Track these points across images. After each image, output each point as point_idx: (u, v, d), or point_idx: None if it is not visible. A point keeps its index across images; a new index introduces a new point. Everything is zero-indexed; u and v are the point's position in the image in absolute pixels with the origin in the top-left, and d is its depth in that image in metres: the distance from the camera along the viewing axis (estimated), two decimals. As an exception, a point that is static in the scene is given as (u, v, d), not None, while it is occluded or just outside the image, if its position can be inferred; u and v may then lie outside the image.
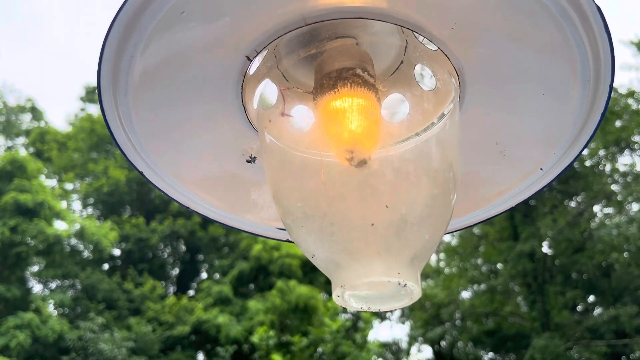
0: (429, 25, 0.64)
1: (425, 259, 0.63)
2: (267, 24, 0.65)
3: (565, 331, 12.57)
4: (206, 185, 0.82)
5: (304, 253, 0.66)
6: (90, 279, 13.54)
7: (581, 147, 0.72)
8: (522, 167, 0.78)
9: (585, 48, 0.60)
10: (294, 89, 0.73)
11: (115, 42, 0.60)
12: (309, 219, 0.64)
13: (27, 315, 10.84)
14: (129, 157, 0.75)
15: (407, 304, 0.62)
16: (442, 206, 0.65)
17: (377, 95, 0.70)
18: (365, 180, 0.62)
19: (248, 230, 0.86)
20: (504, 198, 0.81)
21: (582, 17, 0.57)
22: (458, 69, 0.69)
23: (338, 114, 0.68)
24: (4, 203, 11.86)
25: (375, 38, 0.72)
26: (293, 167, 0.69)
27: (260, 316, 12.04)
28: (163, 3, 0.57)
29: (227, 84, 0.71)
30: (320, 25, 0.67)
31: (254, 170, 0.82)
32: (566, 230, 13.07)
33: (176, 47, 0.64)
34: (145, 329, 12.65)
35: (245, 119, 0.75)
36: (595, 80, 0.63)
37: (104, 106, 0.67)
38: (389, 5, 0.63)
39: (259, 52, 0.68)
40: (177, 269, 17.46)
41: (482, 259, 15.90)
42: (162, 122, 0.73)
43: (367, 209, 0.61)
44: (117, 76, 0.63)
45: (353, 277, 0.60)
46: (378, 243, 0.60)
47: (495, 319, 14.86)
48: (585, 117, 0.68)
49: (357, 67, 0.70)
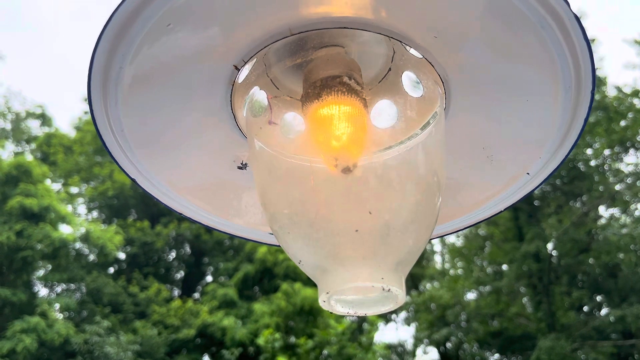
0: (412, 34, 0.65)
1: (410, 264, 0.64)
2: (254, 34, 0.66)
3: (571, 332, 12.51)
4: (198, 192, 0.83)
5: (291, 258, 0.67)
6: (96, 282, 13.59)
7: (566, 152, 0.73)
8: (509, 172, 0.79)
9: (565, 56, 0.61)
10: (283, 97, 0.74)
11: (104, 54, 0.61)
12: (295, 225, 0.65)
13: (33, 319, 10.89)
14: (121, 165, 0.77)
15: (392, 308, 0.63)
16: (427, 212, 0.66)
17: (364, 103, 0.71)
18: (349, 187, 0.63)
19: (240, 235, 0.88)
20: (492, 202, 0.82)
21: (561, 26, 0.58)
22: (443, 76, 0.70)
23: (325, 121, 0.69)
24: (10, 207, 11.93)
25: (363, 47, 0.73)
26: (280, 174, 0.71)
27: (266, 319, 12.05)
28: (149, 16, 0.58)
29: (217, 92, 0.72)
30: (308, 34, 0.68)
31: (245, 176, 0.83)
32: (571, 231, 13.02)
33: (164, 58, 0.66)
34: (151, 332, 12.68)
35: (235, 126, 0.77)
36: (577, 86, 0.64)
37: (95, 116, 0.68)
38: (373, 15, 0.64)
39: (246, 62, 0.69)
40: (182, 272, 17.50)
41: (487, 260, 15.85)
42: (153, 131, 0.74)
43: (351, 215, 0.63)
44: (107, 87, 0.65)
45: (338, 282, 0.61)
46: (362, 249, 0.61)
47: (501, 320, 14.81)
48: (569, 123, 0.69)
49: (344, 75, 0.71)
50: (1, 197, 12.37)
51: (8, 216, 12.13)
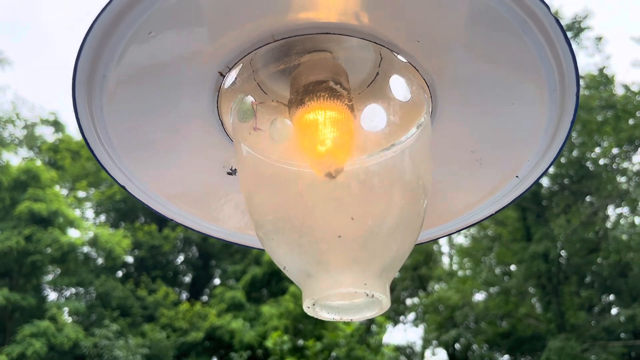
0: (396, 39, 0.65)
1: (395, 269, 0.64)
2: (238, 40, 0.66)
3: (581, 332, 12.42)
4: (188, 197, 0.84)
5: (276, 264, 0.67)
6: (104, 286, 13.65)
7: (555, 153, 0.73)
8: (498, 175, 0.78)
9: (548, 59, 0.61)
10: (269, 102, 0.74)
11: (87, 63, 0.61)
12: (279, 231, 0.65)
13: (42, 324, 10.96)
14: (110, 172, 0.77)
15: (377, 313, 0.63)
16: (411, 217, 0.66)
17: (350, 107, 0.71)
18: (331, 192, 0.63)
19: (229, 239, 0.88)
20: (483, 205, 0.82)
21: (542, 29, 0.58)
22: (428, 81, 0.69)
23: (310, 126, 0.69)
24: (19, 212, 12.01)
25: (350, 52, 0.73)
26: (265, 179, 0.71)
27: (274, 321, 12.06)
28: (130, 23, 0.58)
29: (203, 98, 0.72)
30: (293, 39, 0.68)
31: (234, 181, 0.83)
32: (580, 231, 12.94)
33: (149, 65, 0.66)
34: (160, 336, 12.72)
35: (223, 131, 0.77)
36: (562, 89, 0.64)
37: (81, 124, 0.69)
38: (356, 21, 0.64)
39: (231, 68, 0.69)
40: (190, 275, 17.55)
41: (495, 261, 15.78)
42: (140, 138, 0.74)
43: (334, 221, 0.62)
44: (92, 95, 0.65)
45: (322, 289, 0.61)
46: (345, 254, 0.61)
47: (510, 320, 14.73)
48: (556, 125, 0.69)
49: (331, 79, 0.71)
50: (10, 202, 12.46)
51: (17, 221, 12.22)
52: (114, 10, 0.58)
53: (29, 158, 15.82)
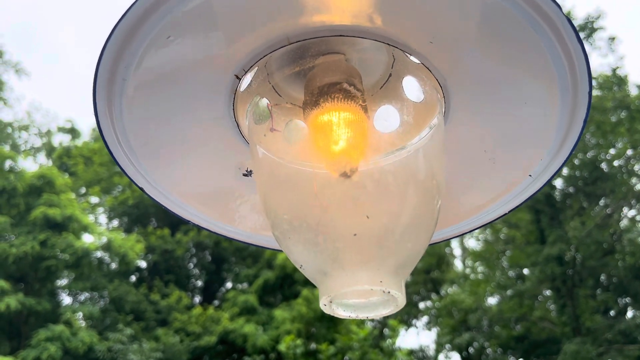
0: (409, 40, 0.66)
1: (410, 267, 0.65)
2: (254, 44, 0.68)
3: (597, 336, 12.29)
4: (204, 199, 0.85)
5: (293, 263, 0.68)
6: (118, 290, 13.75)
7: (568, 153, 0.73)
8: (512, 174, 0.79)
9: (560, 58, 0.61)
10: (284, 104, 0.76)
11: (107, 68, 0.63)
12: (296, 230, 0.66)
13: (57, 328, 11.05)
14: (129, 174, 0.79)
15: (392, 311, 0.64)
16: (426, 216, 0.66)
17: (364, 108, 0.72)
18: (346, 191, 0.64)
19: (246, 240, 0.89)
20: (496, 204, 0.82)
21: (554, 29, 0.58)
22: (441, 82, 0.70)
23: (325, 127, 0.71)
24: (34, 218, 12.14)
25: (363, 53, 0.74)
26: (281, 180, 0.72)
27: (287, 325, 12.06)
28: (149, 29, 0.60)
29: (219, 101, 0.74)
30: (307, 42, 0.70)
31: (250, 182, 0.84)
32: (595, 233, 12.81)
33: (167, 69, 0.67)
34: (173, 340, 12.78)
35: (239, 133, 0.78)
36: (574, 88, 0.64)
37: (102, 128, 0.70)
38: (370, 23, 0.65)
39: (247, 71, 0.71)
40: (202, 279, 17.61)
41: (509, 264, 15.67)
42: (158, 140, 0.76)
43: (350, 220, 0.63)
44: (112, 99, 0.67)
45: (338, 286, 0.62)
46: (361, 253, 0.62)
47: (525, 324, 14.61)
48: (568, 124, 0.69)
49: (344, 81, 0.72)
50: (25, 208, 12.60)
51: (32, 226, 12.35)
52: (133, 16, 0.59)
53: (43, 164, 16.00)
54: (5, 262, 11.73)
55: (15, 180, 12.56)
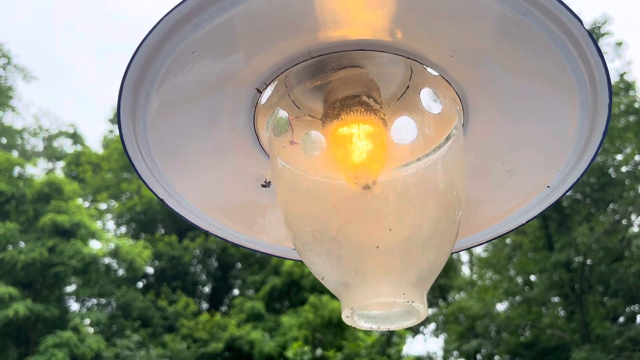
0: (429, 54, 0.67)
1: (432, 279, 0.65)
2: (275, 59, 0.69)
3: (606, 343, 12.18)
4: (224, 210, 0.86)
5: (314, 275, 0.69)
6: (125, 297, 13.78)
7: (587, 164, 0.74)
8: (529, 185, 0.79)
9: (580, 71, 0.62)
10: (304, 117, 0.76)
11: (132, 82, 0.64)
12: (318, 242, 0.66)
13: (65, 334, 11.08)
14: (150, 185, 0.80)
15: (414, 323, 0.64)
16: (446, 227, 0.67)
17: (383, 121, 0.73)
18: (369, 204, 0.65)
19: (265, 251, 0.90)
20: (514, 215, 0.82)
21: (575, 42, 0.59)
22: (460, 93, 0.71)
23: (345, 139, 0.71)
24: (43, 224, 12.20)
25: (382, 67, 0.75)
26: (302, 191, 0.73)
27: (294, 331, 12.04)
28: (174, 45, 0.61)
29: (240, 114, 0.75)
30: (327, 56, 0.70)
31: (269, 194, 0.85)
32: (603, 239, 12.73)
33: (190, 83, 0.68)
34: (180, 346, 12.78)
35: (259, 145, 0.79)
36: (594, 100, 0.65)
37: (124, 140, 0.71)
38: (390, 37, 0.66)
39: (268, 84, 0.72)
40: (209, 285, 17.63)
41: (517, 270, 15.58)
42: (179, 153, 0.77)
43: (372, 232, 0.64)
44: (136, 112, 0.68)
45: (361, 298, 0.62)
46: (383, 265, 0.62)
47: (533, 331, 14.51)
48: (588, 136, 0.70)
49: (363, 94, 0.73)
50: (34, 214, 12.68)
51: (41, 233, 12.41)
52: (160, 32, 0.60)
53: (49, 170, 16.10)
54: (13, 268, 11.78)
55: (24, 187, 12.64)
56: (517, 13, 0.57)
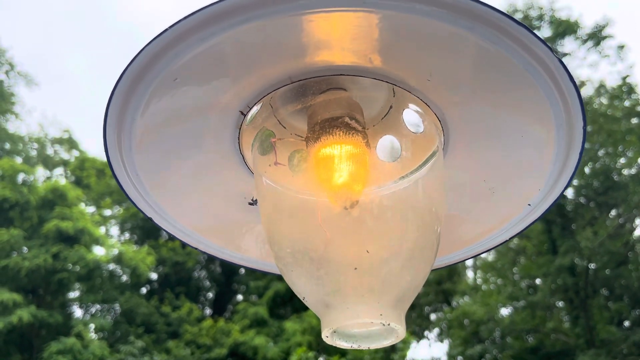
0: (407, 78, 0.68)
1: (410, 299, 0.67)
2: (257, 83, 0.70)
3: (611, 347, 12.13)
4: (211, 228, 0.87)
5: (296, 294, 0.70)
6: (129, 303, 13.80)
7: (565, 183, 0.75)
8: (511, 204, 0.80)
9: (554, 96, 0.63)
10: (288, 138, 0.78)
11: (116, 108, 0.66)
12: (298, 262, 0.68)
13: (69, 340, 11.10)
14: (138, 205, 0.81)
15: (394, 342, 0.65)
16: (425, 248, 0.68)
17: (366, 141, 0.74)
18: (347, 225, 0.66)
19: (254, 267, 0.91)
20: (496, 233, 0.84)
21: (546, 69, 0.60)
22: (439, 115, 0.72)
23: (327, 160, 0.73)
24: (47, 231, 12.24)
25: (364, 89, 0.76)
26: (285, 211, 0.74)
27: (297, 337, 12.04)
28: (157, 73, 0.63)
29: (225, 136, 0.76)
30: (311, 80, 0.72)
31: (256, 212, 0.87)
32: (607, 243, 12.68)
33: (174, 107, 0.70)
34: (184, 352, 12.78)
35: (244, 165, 0.81)
36: (568, 124, 0.66)
37: (111, 162, 0.73)
38: (369, 63, 0.67)
39: (251, 107, 0.73)
40: (213, 291, 17.65)
41: (520, 274, 15.54)
42: (166, 173, 0.79)
43: (350, 253, 0.65)
44: (121, 136, 0.70)
45: (340, 319, 0.63)
46: (361, 286, 0.64)
47: (537, 335, 14.45)
48: (565, 156, 0.71)
49: (346, 115, 0.75)
50: (38, 221, 12.73)
51: (45, 239, 12.46)
52: (142, 59, 0.62)
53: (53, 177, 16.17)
54: (17, 275, 11.83)
55: (29, 194, 12.70)
56: (489, 42, 0.59)
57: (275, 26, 0.59)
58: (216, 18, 0.57)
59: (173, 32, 0.59)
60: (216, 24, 0.58)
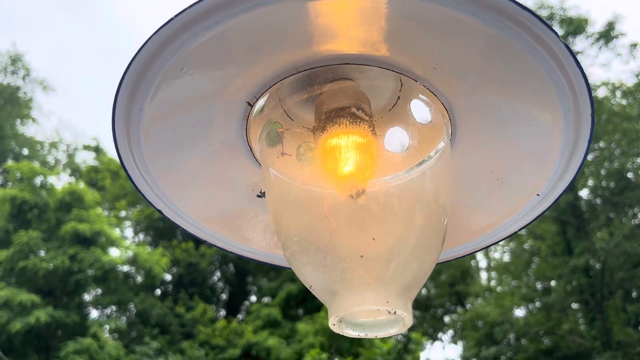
0: (414, 67, 0.68)
1: (417, 287, 0.66)
2: (264, 73, 0.71)
3: (628, 349, 11.97)
4: (219, 219, 0.88)
5: (303, 283, 0.71)
6: (144, 304, 13.89)
7: (574, 173, 0.74)
8: (519, 194, 0.80)
9: (561, 82, 0.63)
10: (294, 129, 0.78)
11: (124, 99, 0.66)
12: (305, 251, 0.68)
13: (85, 341, 11.19)
14: (147, 197, 0.82)
15: (400, 330, 0.65)
16: (431, 237, 0.68)
17: (373, 131, 0.74)
18: (353, 214, 0.66)
19: (263, 260, 0.92)
20: (505, 223, 0.83)
21: (552, 54, 0.60)
22: (446, 105, 0.72)
23: (334, 150, 0.73)
24: (64, 233, 12.37)
25: (372, 79, 0.76)
26: (292, 201, 0.74)
27: (310, 338, 12.03)
28: (163, 62, 0.63)
29: (232, 127, 0.77)
30: (317, 70, 0.72)
31: (263, 203, 0.87)
32: (623, 243, 12.52)
33: (181, 97, 0.71)
34: (198, 353, 12.83)
35: (252, 156, 0.81)
36: (576, 110, 0.65)
37: (120, 154, 0.74)
38: (375, 52, 0.67)
39: (258, 98, 0.74)
40: (226, 292, 17.70)
41: (535, 276, 15.39)
42: (174, 165, 0.79)
43: (357, 241, 0.65)
44: (130, 127, 0.70)
45: (347, 306, 0.63)
46: (367, 274, 0.64)
47: (553, 337, 14.29)
48: (573, 145, 0.70)
49: (353, 106, 0.75)
50: (56, 223, 12.87)
51: (62, 241, 12.59)
52: (149, 49, 0.63)
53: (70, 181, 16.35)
54: (35, 276, 11.97)
55: (47, 196, 12.85)
56: (494, 27, 0.58)
57: (280, 13, 0.59)
58: (220, 6, 0.58)
59: (178, 21, 0.60)
60: (220, 12, 0.58)
